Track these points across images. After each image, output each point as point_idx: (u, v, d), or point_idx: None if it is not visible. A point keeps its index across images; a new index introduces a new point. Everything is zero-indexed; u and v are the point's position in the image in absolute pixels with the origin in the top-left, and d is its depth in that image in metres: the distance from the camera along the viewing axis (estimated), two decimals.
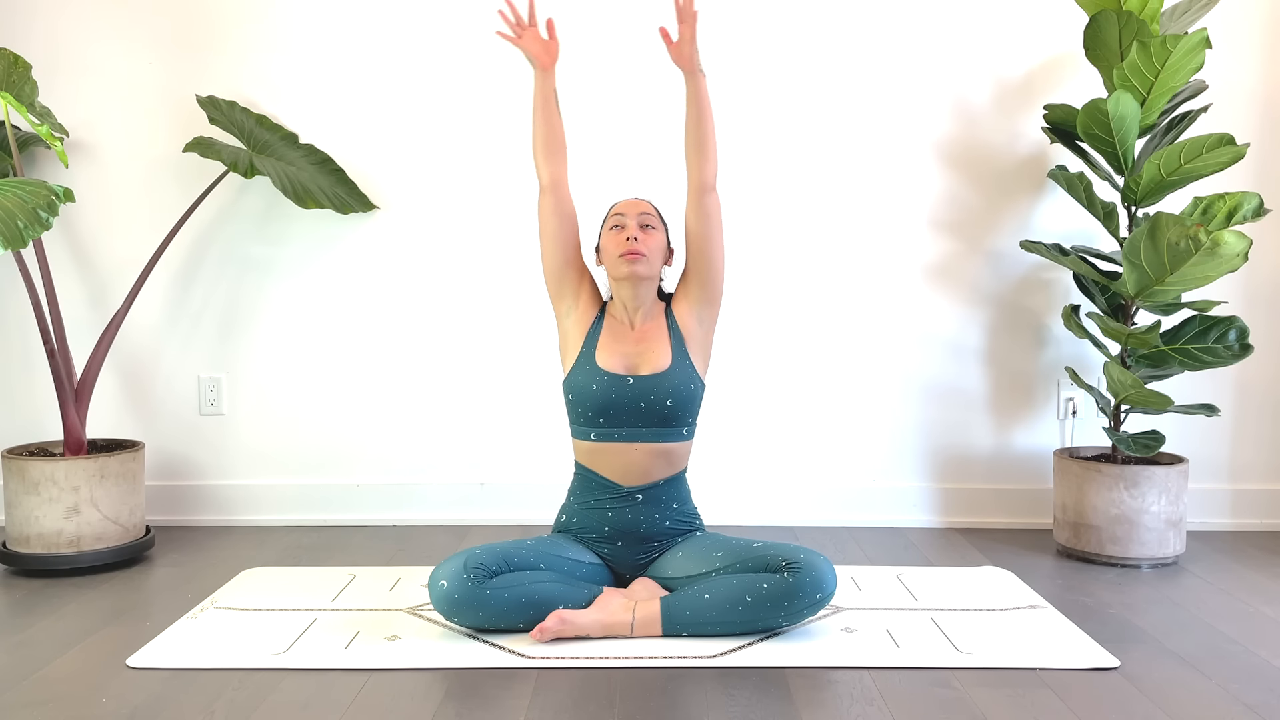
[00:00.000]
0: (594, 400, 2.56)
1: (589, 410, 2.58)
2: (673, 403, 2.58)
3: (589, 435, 2.60)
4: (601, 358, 2.59)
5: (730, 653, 2.35)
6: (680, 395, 2.58)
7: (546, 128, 2.62)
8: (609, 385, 2.56)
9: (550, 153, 2.62)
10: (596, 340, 2.62)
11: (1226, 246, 2.78)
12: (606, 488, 2.60)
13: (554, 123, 2.62)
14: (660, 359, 2.60)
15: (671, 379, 2.58)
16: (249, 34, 3.41)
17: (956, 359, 3.51)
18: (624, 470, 2.59)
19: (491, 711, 2.08)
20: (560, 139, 2.63)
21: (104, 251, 3.45)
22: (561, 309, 2.67)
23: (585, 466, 2.63)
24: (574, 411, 2.62)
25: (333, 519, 3.49)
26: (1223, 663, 2.36)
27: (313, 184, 3.30)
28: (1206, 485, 3.50)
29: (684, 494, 2.67)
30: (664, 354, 2.61)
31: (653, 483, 2.60)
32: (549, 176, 2.62)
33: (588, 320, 2.65)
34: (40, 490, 2.94)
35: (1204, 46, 2.91)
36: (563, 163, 2.63)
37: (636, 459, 2.58)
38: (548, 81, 2.61)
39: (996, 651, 2.38)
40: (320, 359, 3.49)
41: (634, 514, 2.59)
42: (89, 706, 2.10)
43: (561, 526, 2.68)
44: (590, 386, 2.57)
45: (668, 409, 2.57)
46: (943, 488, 3.51)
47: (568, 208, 2.63)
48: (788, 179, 3.45)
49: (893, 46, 3.43)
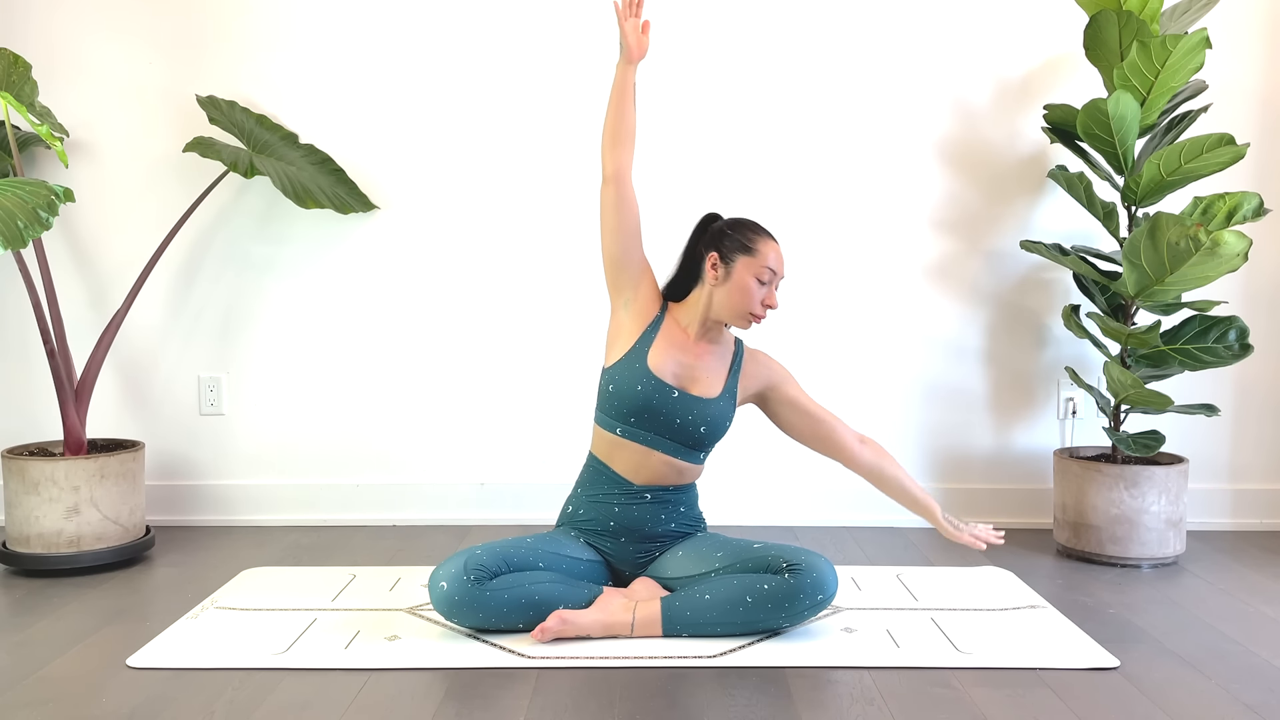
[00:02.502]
0: (633, 400, 2.53)
1: (624, 408, 2.55)
2: (705, 430, 2.57)
3: (615, 429, 2.58)
4: (654, 360, 2.55)
5: (730, 653, 2.35)
6: (714, 426, 2.58)
7: (619, 118, 2.56)
8: (653, 391, 2.53)
9: (618, 143, 2.56)
10: (652, 340, 2.58)
11: (1226, 246, 2.78)
12: (617, 483, 2.60)
13: (627, 114, 2.57)
14: (712, 386, 2.59)
15: (714, 409, 2.57)
16: (249, 34, 3.41)
17: (956, 359, 3.51)
18: (637, 470, 2.58)
19: (491, 711, 2.08)
20: (630, 131, 2.58)
21: (104, 251, 3.45)
22: (619, 300, 2.62)
23: (599, 459, 2.63)
24: (608, 403, 2.58)
25: (333, 519, 3.49)
26: (1223, 663, 2.36)
27: (313, 184, 3.30)
28: (1206, 485, 3.50)
29: (692, 499, 2.68)
30: (717, 383, 2.60)
31: (663, 486, 2.61)
32: (613, 167, 2.56)
33: (647, 316, 2.60)
34: (40, 490, 2.94)
35: (1204, 46, 2.91)
36: (628, 155, 2.57)
37: (652, 464, 2.58)
38: (630, 74, 2.57)
39: (996, 651, 2.38)
40: (320, 359, 3.49)
41: (640, 512, 2.59)
42: (89, 706, 2.10)
43: (566, 518, 2.68)
44: (634, 386, 2.53)
45: (699, 434, 2.57)
46: (943, 488, 3.51)
47: (629, 200, 2.57)
48: (788, 179, 3.45)
49: (893, 46, 3.43)
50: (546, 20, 3.40)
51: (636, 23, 2.57)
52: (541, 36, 3.41)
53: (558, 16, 3.41)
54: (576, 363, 3.46)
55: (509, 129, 3.43)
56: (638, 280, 2.61)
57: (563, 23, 3.41)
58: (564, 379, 3.47)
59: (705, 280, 2.58)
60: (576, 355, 3.46)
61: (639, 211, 2.59)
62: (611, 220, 2.57)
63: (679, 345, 2.59)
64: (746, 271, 2.54)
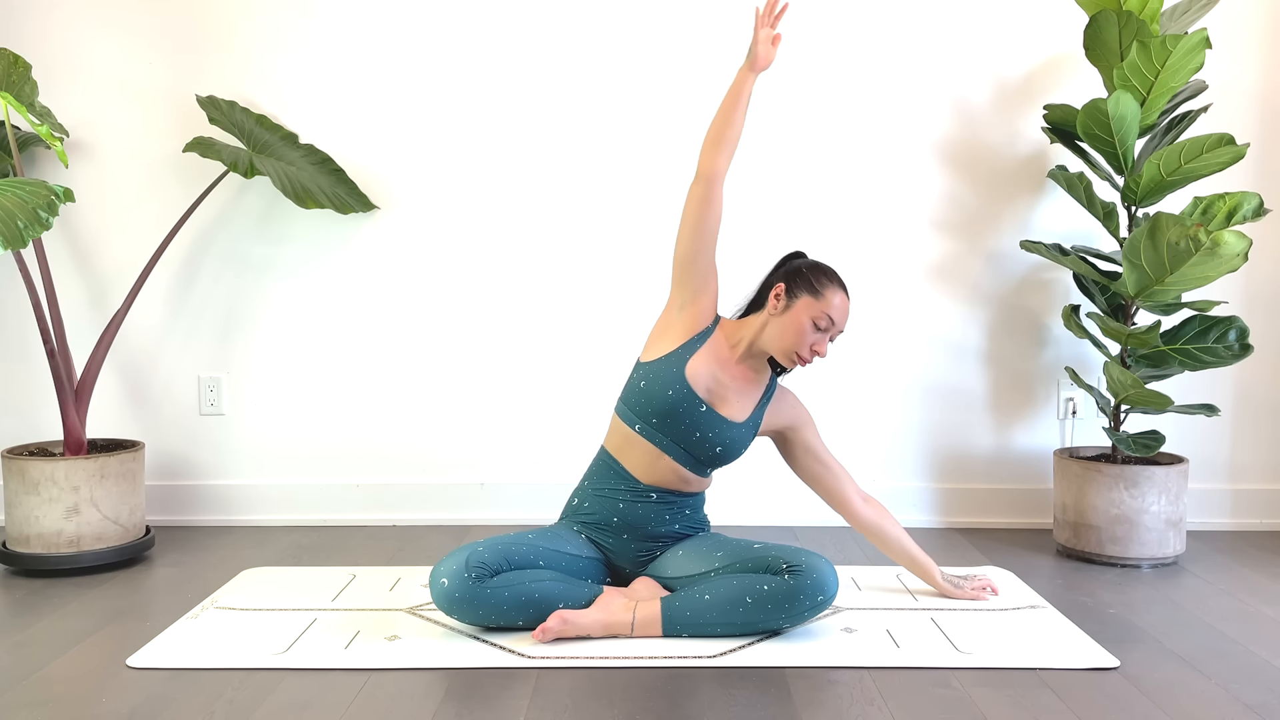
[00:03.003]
0: (662, 402, 2.53)
1: (649, 407, 2.55)
2: (721, 450, 2.58)
3: (634, 425, 2.58)
4: (692, 369, 2.54)
5: (730, 653, 2.35)
6: (730, 449, 2.59)
7: (727, 122, 2.54)
8: (683, 399, 2.53)
9: (720, 146, 2.54)
10: (696, 349, 2.57)
11: (1226, 246, 2.78)
12: (624, 479, 2.60)
13: (736, 120, 2.55)
14: (740, 410, 2.59)
15: (734, 433, 2.58)
16: (249, 34, 3.41)
17: (957, 359, 3.51)
18: (645, 470, 2.59)
19: (491, 711, 2.08)
20: (735, 137, 2.56)
21: (104, 251, 3.45)
22: (678, 299, 2.60)
23: (611, 454, 2.63)
24: (635, 398, 2.58)
25: (333, 519, 3.50)
26: (1223, 663, 2.36)
27: (313, 184, 3.30)
28: (1206, 485, 3.50)
29: (698, 503, 2.69)
30: (744, 408, 2.60)
31: (669, 489, 2.62)
32: (709, 167, 2.54)
33: (699, 324, 2.59)
34: (40, 490, 2.94)
35: (1204, 46, 2.91)
36: (727, 160, 2.55)
37: (660, 467, 2.59)
38: (750, 82, 2.56)
39: (996, 651, 2.38)
40: (320, 359, 3.49)
41: (645, 510, 2.60)
42: (89, 706, 2.10)
43: (571, 510, 2.68)
44: (665, 390, 2.53)
45: (714, 453, 2.58)
46: (943, 488, 3.51)
47: (716, 204, 2.54)
48: (788, 179, 3.45)
49: (893, 46, 3.43)
50: (546, 20, 3.40)
51: (770, 33, 2.58)
52: (541, 36, 3.41)
53: (558, 16, 3.41)
54: (577, 362, 3.46)
55: (509, 129, 3.43)
56: (700, 286, 2.59)
57: (563, 22, 3.41)
58: (564, 379, 3.48)
59: (765, 308, 2.59)
60: (577, 355, 3.46)
61: (721, 218, 2.56)
62: (693, 218, 2.54)
63: (720, 362, 2.59)
64: (806, 312, 2.53)
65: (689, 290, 2.58)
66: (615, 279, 3.46)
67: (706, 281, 2.59)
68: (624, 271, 3.45)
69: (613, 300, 3.46)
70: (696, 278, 2.57)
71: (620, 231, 3.45)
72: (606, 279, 3.46)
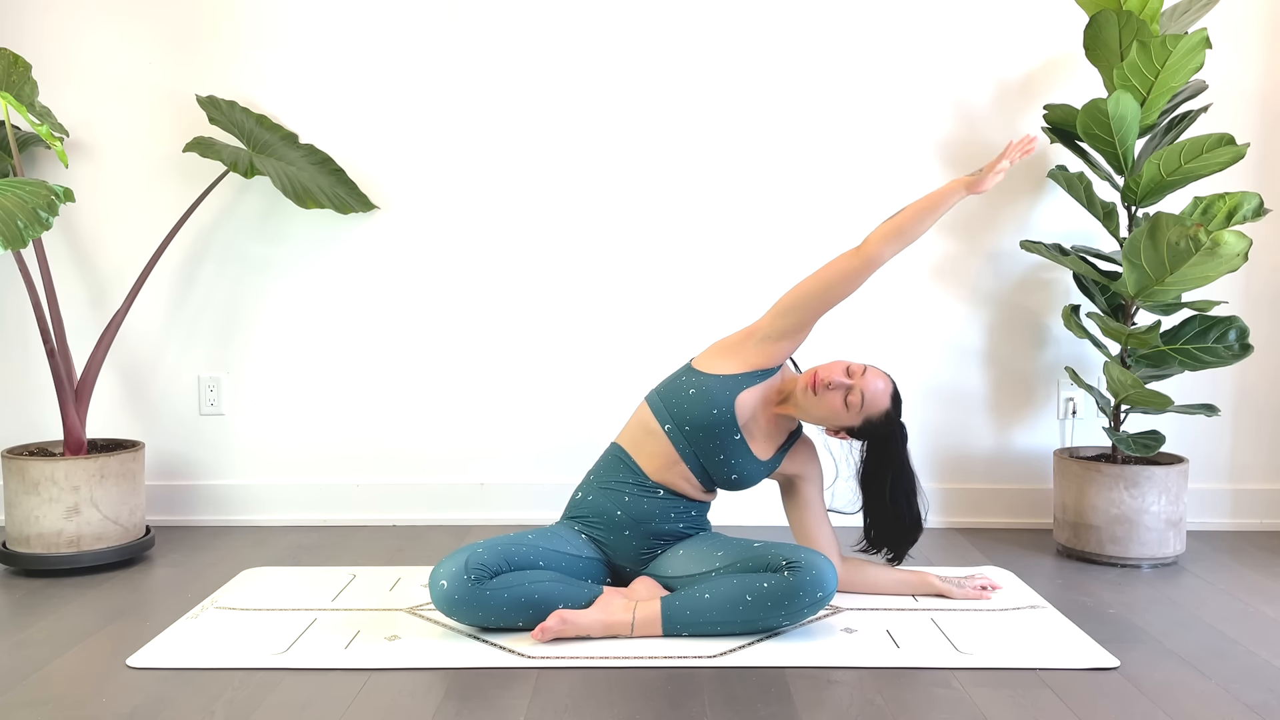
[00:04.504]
0: (703, 417, 2.57)
1: (687, 415, 2.58)
2: (736, 478, 2.64)
3: (665, 424, 2.60)
4: (742, 400, 2.59)
5: (730, 653, 2.35)
6: (744, 480, 2.65)
7: (916, 223, 2.58)
8: (720, 421, 2.57)
9: (898, 240, 2.57)
10: (754, 383, 2.61)
11: (1226, 246, 2.78)
12: (633, 472, 2.62)
13: (927, 225, 2.59)
14: (765, 449, 2.67)
15: (752, 467, 2.64)
16: (249, 34, 3.41)
17: (957, 359, 3.51)
18: (658, 468, 2.62)
19: (491, 711, 2.08)
20: (916, 238, 2.60)
21: (104, 251, 3.45)
22: (766, 330, 2.63)
23: (623, 448, 2.66)
24: (676, 400, 2.60)
25: (333, 519, 3.49)
26: (1223, 663, 2.36)
27: (313, 184, 3.30)
28: (1206, 485, 3.50)
29: (702, 507, 2.71)
30: (769, 448, 2.68)
31: (676, 491, 2.64)
32: (876, 253, 2.57)
33: (769, 362, 2.64)
34: (40, 490, 2.94)
35: (1204, 46, 2.91)
36: (894, 253, 2.59)
37: (673, 470, 2.62)
38: (959, 198, 2.61)
39: (996, 651, 2.38)
40: (320, 359, 3.49)
41: (650, 505, 2.61)
42: (89, 706, 2.10)
43: (574, 506, 2.68)
44: (711, 408, 2.57)
45: (730, 479, 2.63)
46: (943, 488, 3.51)
47: (855, 283, 2.60)
48: (788, 179, 3.45)
49: (893, 46, 3.43)
50: (546, 19, 3.40)
51: (1006, 165, 2.63)
52: (542, 36, 3.41)
53: (558, 15, 3.41)
54: (577, 362, 3.46)
55: (509, 129, 3.43)
56: (793, 333, 2.63)
57: (563, 22, 3.41)
58: (564, 379, 3.48)
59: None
60: (577, 355, 3.46)
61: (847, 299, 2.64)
62: (834, 282, 2.59)
63: (766, 402, 2.65)
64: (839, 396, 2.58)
65: (780, 330, 2.63)
66: (615, 279, 3.46)
67: (800, 332, 2.65)
68: (624, 272, 3.45)
69: (612, 300, 3.46)
70: (796, 324, 2.63)
71: (620, 232, 3.44)
72: (606, 279, 3.46)
